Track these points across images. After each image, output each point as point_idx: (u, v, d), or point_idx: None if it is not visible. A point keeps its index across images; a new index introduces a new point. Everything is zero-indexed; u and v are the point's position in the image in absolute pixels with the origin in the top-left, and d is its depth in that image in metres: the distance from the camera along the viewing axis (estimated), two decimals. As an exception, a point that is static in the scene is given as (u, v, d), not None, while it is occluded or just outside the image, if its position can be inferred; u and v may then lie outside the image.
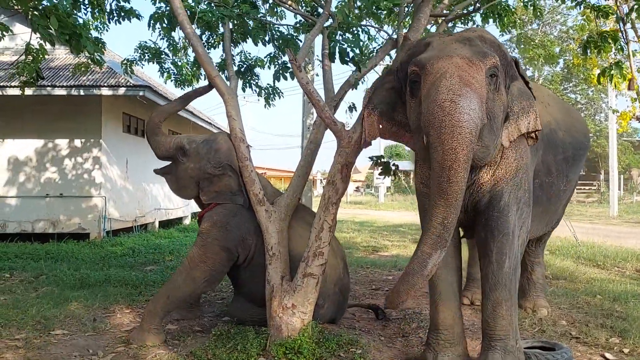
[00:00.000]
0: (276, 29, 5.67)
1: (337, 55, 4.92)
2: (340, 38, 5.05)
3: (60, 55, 12.05)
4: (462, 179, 2.93)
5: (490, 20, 6.08)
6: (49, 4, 4.44)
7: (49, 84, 10.28)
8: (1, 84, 10.22)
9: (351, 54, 4.86)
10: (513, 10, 6.13)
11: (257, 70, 6.19)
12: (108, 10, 6.08)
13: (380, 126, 3.73)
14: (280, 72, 5.52)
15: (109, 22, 6.22)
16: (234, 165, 4.66)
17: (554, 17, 27.75)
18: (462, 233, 4.22)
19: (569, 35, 27.68)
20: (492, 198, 3.65)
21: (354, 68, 5.92)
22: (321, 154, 4.83)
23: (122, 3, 6.03)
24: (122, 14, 5.91)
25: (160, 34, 6.01)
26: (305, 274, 4.12)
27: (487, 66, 3.19)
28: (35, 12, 4.45)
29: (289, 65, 5.62)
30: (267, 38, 5.61)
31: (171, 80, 6.63)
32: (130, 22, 6.12)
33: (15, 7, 4.93)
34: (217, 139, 4.81)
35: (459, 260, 4.00)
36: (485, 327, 3.65)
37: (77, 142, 11.13)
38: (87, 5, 6.19)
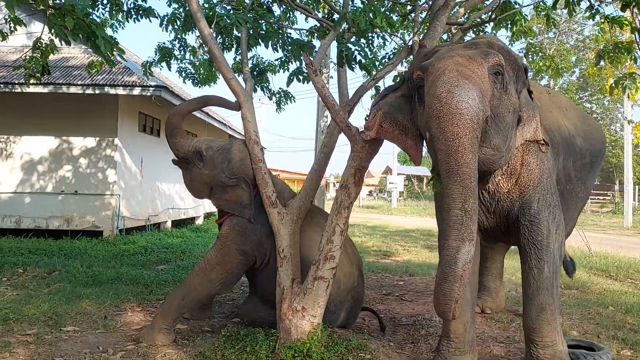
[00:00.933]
0: (289, 34, 5.70)
1: (344, 60, 4.93)
2: (352, 41, 5.04)
3: (77, 54, 12.17)
4: (471, 161, 2.84)
5: (502, 30, 6.10)
6: (65, 3, 4.48)
7: (65, 82, 10.37)
8: (20, 81, 10.33)
9: (359, 58, 4.86)
10: (525, 17, 6.13)
11: (269, 74, 6.23)
12: (126, 9, 6.13)
13: (382, 126, 3.70)
14: (295, 75, 5.53)
15: (128, 21, 6.28)
16: (248, 177, 4.65)
17: (571, 27, 27.65)
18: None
19: (585, 44, 27.55)
20: (522, 207, 3.73)
21: (364, 72, 5.94)
22: (334, 157, 4.83)
23: (140, 2, 6.07)
24: (140, 12, 5.94)
25: (175, 36, 6.06)
26: (316, 277, 4.13)
27: (489, 63, 3.16)
28: (52, 11, 4.49)
29: (302, 69, 5.64)
30: (280, 43, 5.63)
31: (189, 80, 6.69)
32: (150, 21, 6.15)
33: (33, 6, 4.99)
34: (232, 149, 4.76)
35: (475, 266, 4.01)
36: (529, 334, 3.68)
37: (93, 141, 11.23)
38: (105, 5, 6.25)
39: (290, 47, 5.47)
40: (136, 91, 10.53)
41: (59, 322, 4.80)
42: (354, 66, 4.88)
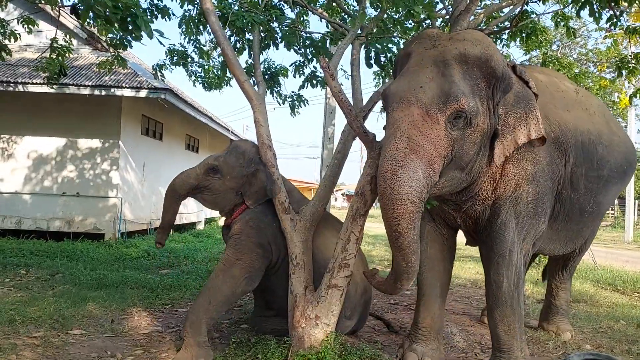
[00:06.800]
0: (307, 35, 5.63)
1: (373, 59, 4.85)
2: (381, 40, 4.96)
3: (84, 53, 12.11)
4: (410, 234, 3.01)
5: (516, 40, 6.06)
6: None
7: (73, 82, 10.29)
8: (24, 80, 10.26)
9: (389, 55, 4.79)
10: (543, 29, 6.08)
11: (280, 78, 6.15)
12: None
13: None
14: (309, 79, 5.46)
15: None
16: (261, 157, 4.64)
17: (574, 40, 27.68)
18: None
19: (588, 58, 27.54)
20: (491, 214, 3.74)
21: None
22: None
23: (156, 1, 5.98)
24: (156, 12, 5.84)
25: (190, 38, 5.98)
26: (330, 285, 4.04)
27: (447, 114, 3.12)
28: None
29: (317, 73, 5.58)
30: (297, 44, 5.56)
31: (200, 83, 6.61)
32: (167, 20, 6.03)
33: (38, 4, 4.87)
34: (238, 145, 4.79)
35: (447, 264, 4.31)
36: (492, 341, 3.89)
37: (96, 142, 11.16)
38: None
39: (308, 49, 5.39)
40: (142, 93, 10.44)
41: (65, 325, 4.71)
42: (384, 65, 4.79)
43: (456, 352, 4.69)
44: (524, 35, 5.99)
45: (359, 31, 4.95)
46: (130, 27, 4.43)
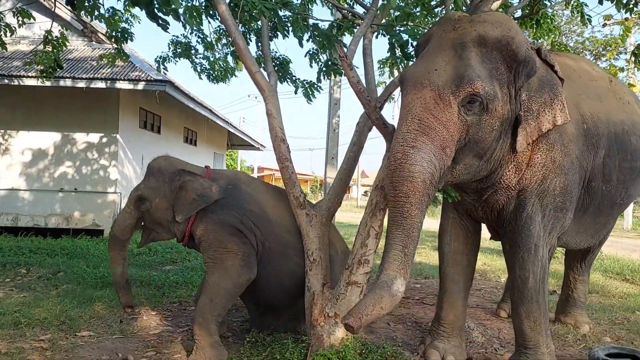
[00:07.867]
0: (316, 24, 5.46)
1: (397, 49, 4.70)
2: (404, 29, 4.81)
3: (80, 46, 11.89)
4: (416, 215, 2.91)
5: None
6: None
7: (69, 75, 10.04)
8: (18, 73, 10.03)
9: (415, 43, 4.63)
10: (552, 17, 5.97)
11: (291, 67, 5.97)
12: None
13: None
14: (324, 69, 5.28)
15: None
16: (186, 168, 4.34)
17: (571, 28, 27.56)
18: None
19: (584, 46, 27.46)
20: (516, 207, 3.62)
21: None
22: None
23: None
24: None
25: (192, 29, 5.79)
26: (350, 282, 3.90)
27: (460, 97, 3.04)
28: None
29: (332, 62, 5.39)
30: (306, 33, 5.39)
31: (205, 75, 6.42)
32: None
33: None
34: (151, 165, 4.40)
35: (471, 258, 4.22)
36: (516, 337, 3.82)
37: (94, 137, 10.94)
38: None
39: (317, 39, 5.22)
40: (141, 85, 10.22)
41: (73, 327, 4.57)
42: (409, 54, 4.64)
43: (475, 347, 4.58)
44: (533, 22, 5.86)
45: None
46: (156, 11, 4.21)
